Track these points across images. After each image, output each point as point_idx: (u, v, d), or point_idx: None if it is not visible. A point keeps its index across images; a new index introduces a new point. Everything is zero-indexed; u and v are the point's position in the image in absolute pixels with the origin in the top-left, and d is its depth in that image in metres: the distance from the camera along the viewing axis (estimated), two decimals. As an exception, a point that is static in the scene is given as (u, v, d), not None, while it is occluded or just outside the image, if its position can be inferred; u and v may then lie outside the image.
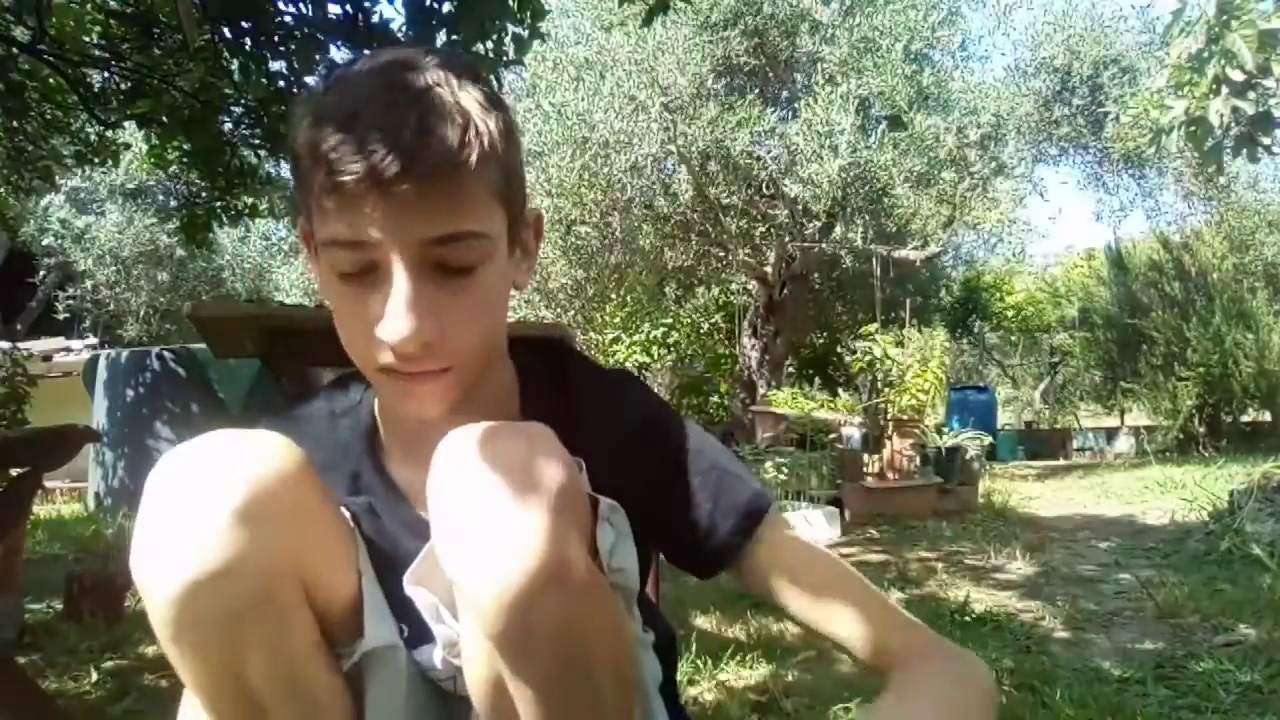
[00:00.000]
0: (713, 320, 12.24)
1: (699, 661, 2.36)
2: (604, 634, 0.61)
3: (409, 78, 0.61)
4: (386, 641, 0.68)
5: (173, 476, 0.59)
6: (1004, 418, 16.02)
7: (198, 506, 0.56)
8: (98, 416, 6.64)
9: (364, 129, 0.58)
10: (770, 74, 8.95)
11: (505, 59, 3.09)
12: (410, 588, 0.67)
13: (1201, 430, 10.04)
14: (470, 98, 0.62)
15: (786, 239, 9.14)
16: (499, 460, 0.59)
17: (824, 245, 9.27)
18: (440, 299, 0.64)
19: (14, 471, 2.05)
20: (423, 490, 0.63)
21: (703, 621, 2.91)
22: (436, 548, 0.61)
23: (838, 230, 9.33)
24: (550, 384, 0.82)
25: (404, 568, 0.68)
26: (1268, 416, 10.34)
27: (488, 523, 0.57)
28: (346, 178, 0.58)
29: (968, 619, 2.84)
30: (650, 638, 0.79)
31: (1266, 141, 4.75)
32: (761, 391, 9.57)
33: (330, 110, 0.60)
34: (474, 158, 0.60)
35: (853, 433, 6.47)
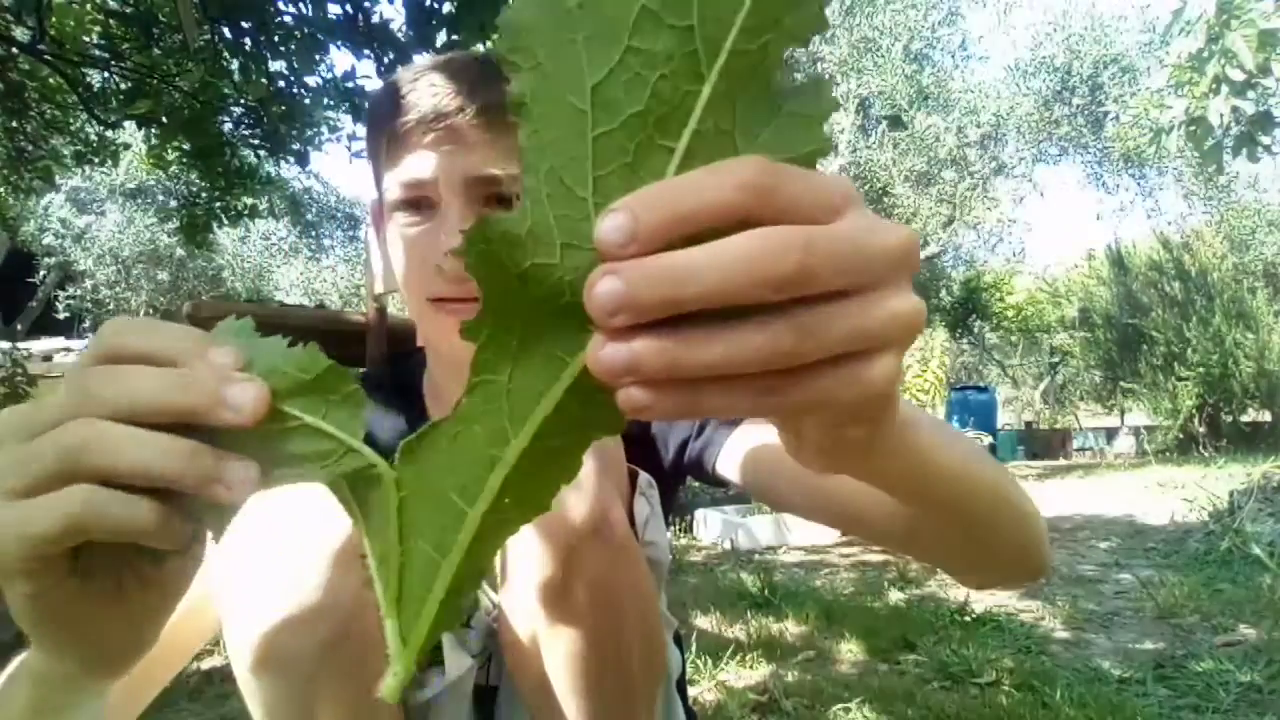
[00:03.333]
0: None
1: (699, 661, 2.37)
2: (636, 595, 0.64)
3: (468, 54, 0.76)
4: (463, 670, 0.69)
5: (271, 505, 0.59)
6: (1004, 418, 16.03)
7: (297, 543, 0.57)
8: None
9: (428, 82, 0.70)
10: (770, 74, 8.96)
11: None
12: None
13: (1201, 430, 10.05)
14: None
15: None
16: None
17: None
18: None
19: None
20: None
21: (703, 621, 2.91)
22: None
23: (838, 230, 9.31)
24: None
25: None
26: (1268, 416, 10.35)
27: None
28: (412, 116, 0.69)
29: (968, 619, 2.84)
30: (675, 624, 0.80)
31: (1266, 141, 4.75)
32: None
33: (398, 79, 0.73)
34: None
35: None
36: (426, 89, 0.70)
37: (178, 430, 0.30)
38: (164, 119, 3.73)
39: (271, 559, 0.57)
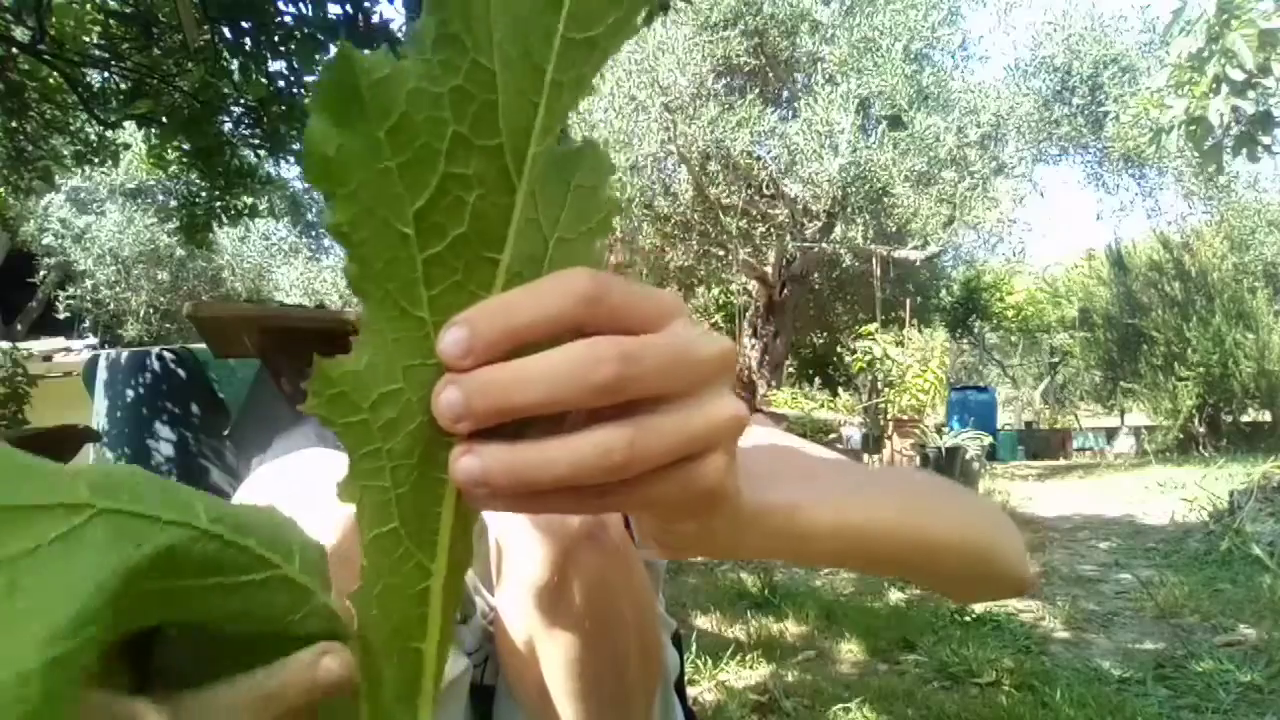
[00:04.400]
0: (713, 320, 12.25)
1: (699, 661, 2.37)
2: (632, 597, 0.64)
3: None
4: (459, 671, 0.70)
5: (268, 501, 0.57)
6: (1004, 418, 16.03)
7: None
8: (98, 416, 6.65)
9: None
10: (770, 74, 8.96)
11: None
12: None
13: (1201, 430, 10.05)
14: None
15: (786, 239, 9.15)
16: None
17: (824, 245, 9.28)
18: None
19: (14, 472, 2.05)
20: None
21: (703, 621, 2.91)
22: None
23: (838, 230, 9.34)
24: None
25: None
26: (1268, 416, 10.35)
27: None
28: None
29: (968, 619, 2.84)
30: (673, 625, 0.81)
31: (1266, 141, 4.75)
32: (762, 391, 9.58)
33: None
34: None
35: (853, 433, 6.47)
36: None
37: None
38: (164, 119, 3.73)
39: None
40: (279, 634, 0.28)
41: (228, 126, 4.06)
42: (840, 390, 11.23)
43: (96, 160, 4.80)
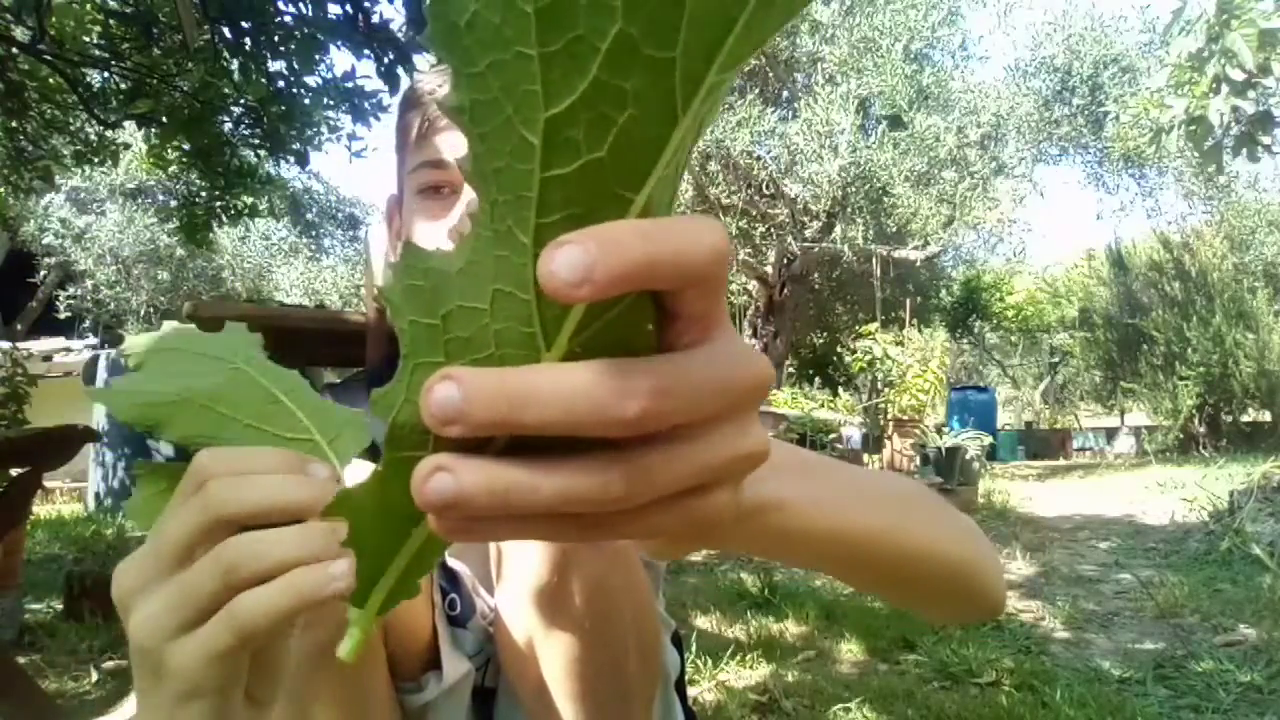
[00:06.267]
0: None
1: (699, 661, 2.37)
2: (632, 597, 0.64)
3: None
4: (460, 675, 0.69)
5: None
6: (1004, 418, 16.04)
7: None
8: (98, 416, 6.65)
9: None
10: (770, 74, 8.96)
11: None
12: (451, 561, 0.70)
13: (1201, 430, 10.05)
14: None
15: (787, 239, 9.15)
16: None
17: (824, 245, 9.28)
18: None
19: (14, 471, 2.05)
20: None
21: (703, 621, 2.91)
22: None
23: (838, 230, 9.34)
24: None
25: None
26: (1268, 416, 10.35)
27: None
28: (438, 109, 0.69)
29: (968, 619, 2.84)
30: (673, 625, 0.81)
31: (1266, 140, 4.75)
32: (762, 391, 9.57)
33: (436, 73, 0.77)
34: None
35: (853, 432, 6.47)
36: None
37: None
38: (164, 119, 3.73)
39: None
40: None
41: (228, 126, 4.06)
42: (840, 390, 11.24)
43: (96, 160, 4.80)
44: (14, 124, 4.24)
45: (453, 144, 0.72)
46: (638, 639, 0.65)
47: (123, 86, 3.94)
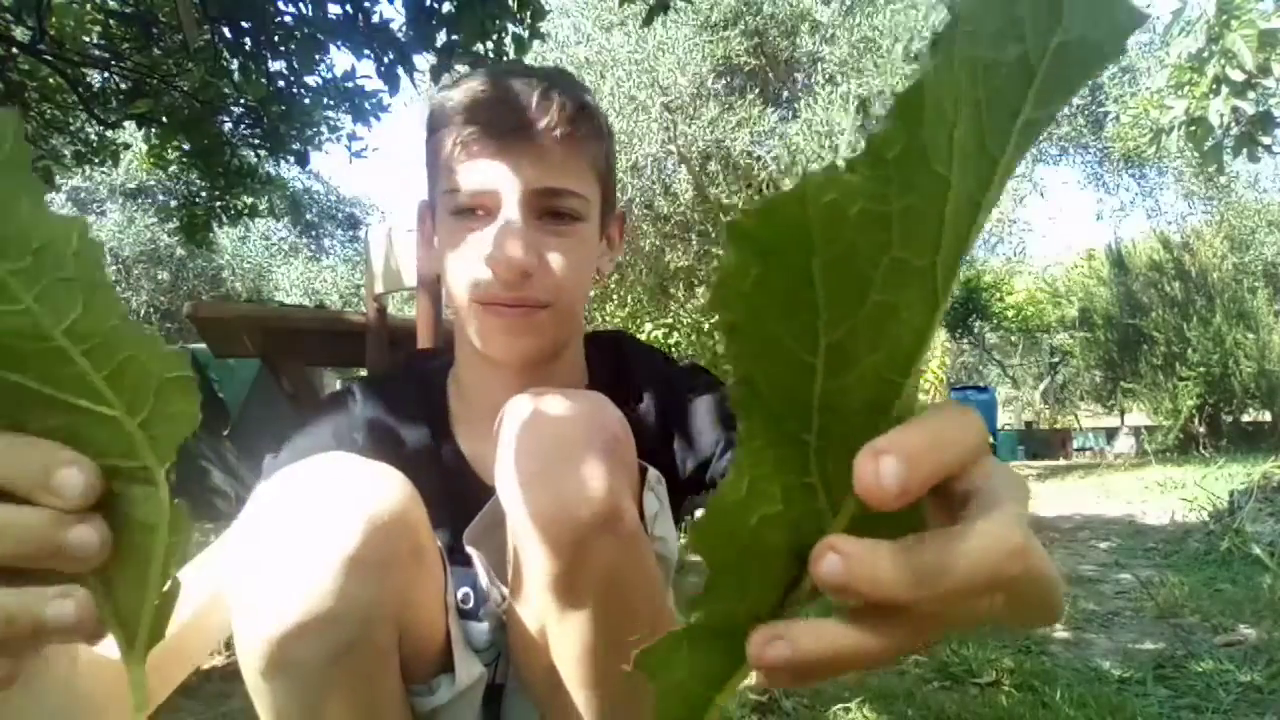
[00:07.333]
0: (713, 320, 12.24)
1: (699, 661, 2.36)
2: (645, 588, 0.64)
3: (532, 70, 0.77)
4: (474, 679, 0.69)
5: (290, 506, 0.57)
6: (1004, 418, 16.05)
7: (313, 548, 0.55)
8: None
9: (496, 91, 0.73)
10: (770, 74, 8.96)
11: (505, 59, 3.09)
12: (468, 547, 0.71)
13: (1201, 430, 10.06)
14: (583, 90, 0.78)
15: (787, 239, 9.14)
16: (564, 414, 0.63)
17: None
18: (543, 239, 0.75)
19: None
20: (491, 464, 0.65)
21: (703, 621, 2.91)
22: (500, 491, 0.63)
23: (838, 230, 9.32)
24: (615, 376, 0.88)
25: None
26: (1268, 416, 10.36)
27: (551, 468, 0.60)
28: (475, 128, 0.72)
29: (968, 619, 2.84)
30: (682, 621, 0.80)
31: (1266, 141, 4.76)
32: (761, 391, 9.57)
33: (464, 89, 0.75)
34: (584, 130, 0.75)
35: (853, 433, 6.45)
36: (494, 98, 0.73)
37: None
38: (164, 119, 3.73)
39: (285, 563, 0.56)
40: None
41: (228, 126, 4.06)
42: (840, 390, 11.18)
43: (96, 160, 4.80)
44: (14, 124, 4.23)
45: (492, 172, 0.73)
46: (651, 628, 0.65)
47: (123, 86, 3.95)
